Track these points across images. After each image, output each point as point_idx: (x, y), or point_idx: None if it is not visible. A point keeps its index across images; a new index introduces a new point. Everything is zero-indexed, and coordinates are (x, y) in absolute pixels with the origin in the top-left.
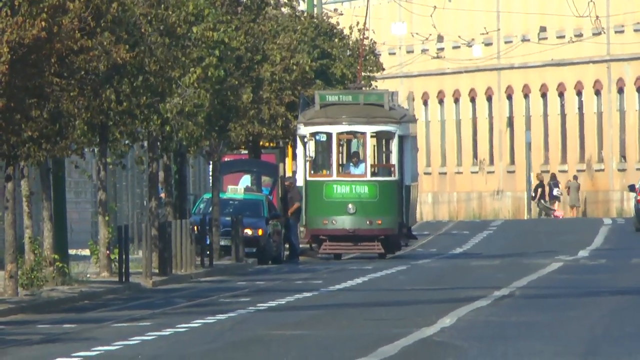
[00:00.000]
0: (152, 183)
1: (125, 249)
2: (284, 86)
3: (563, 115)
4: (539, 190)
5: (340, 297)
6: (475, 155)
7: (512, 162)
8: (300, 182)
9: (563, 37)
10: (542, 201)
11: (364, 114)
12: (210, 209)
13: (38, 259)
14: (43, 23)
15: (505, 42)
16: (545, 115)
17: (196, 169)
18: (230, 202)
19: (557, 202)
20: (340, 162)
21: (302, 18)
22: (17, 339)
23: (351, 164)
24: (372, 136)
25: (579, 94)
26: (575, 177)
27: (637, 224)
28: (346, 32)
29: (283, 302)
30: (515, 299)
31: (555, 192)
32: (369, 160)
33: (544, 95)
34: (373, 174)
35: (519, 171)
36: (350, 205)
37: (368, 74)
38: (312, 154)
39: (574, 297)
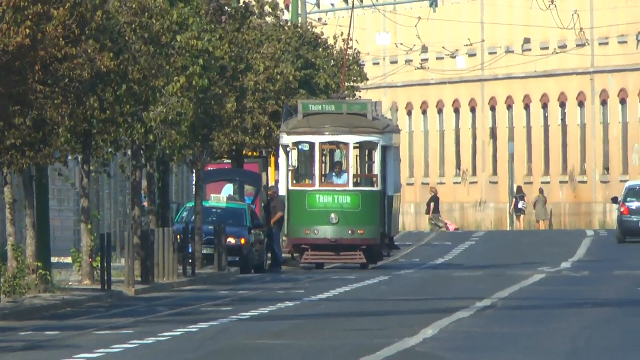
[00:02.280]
0: (135, 191)
1: (108, 256)
2: (268, 95)
3: (546, 127)
4: (432, 204)
5: (322, 306)
6: (458, 166)
7: (495, 173)
8: (282, 192)
9: (547, 48)
10: (435, 215)
11: (347, 123)
12: (193, 217)
13: (20, 266)
14: (27, 30)
15: (489, 53)
16: (529, 126)
17: (179, 177)
18: (213, 210)
19: (521, 215)
20: (323, 172)
21: (286, 28)
22: None
23: (334, 173)
24: (355, 146)
25: (563, 105)
26: (541, 191)
27: (619, 236)
28: (330, 42)
29: (265, 312)
30: (497, 310)
31: (520, 204)
32: (352, 170)
33: (527, 107)
34: (355, 184)
35: (502, 182)
36: (332, 215)
37: (352, 84)
38: (295, 164)
39: (556, 308)
